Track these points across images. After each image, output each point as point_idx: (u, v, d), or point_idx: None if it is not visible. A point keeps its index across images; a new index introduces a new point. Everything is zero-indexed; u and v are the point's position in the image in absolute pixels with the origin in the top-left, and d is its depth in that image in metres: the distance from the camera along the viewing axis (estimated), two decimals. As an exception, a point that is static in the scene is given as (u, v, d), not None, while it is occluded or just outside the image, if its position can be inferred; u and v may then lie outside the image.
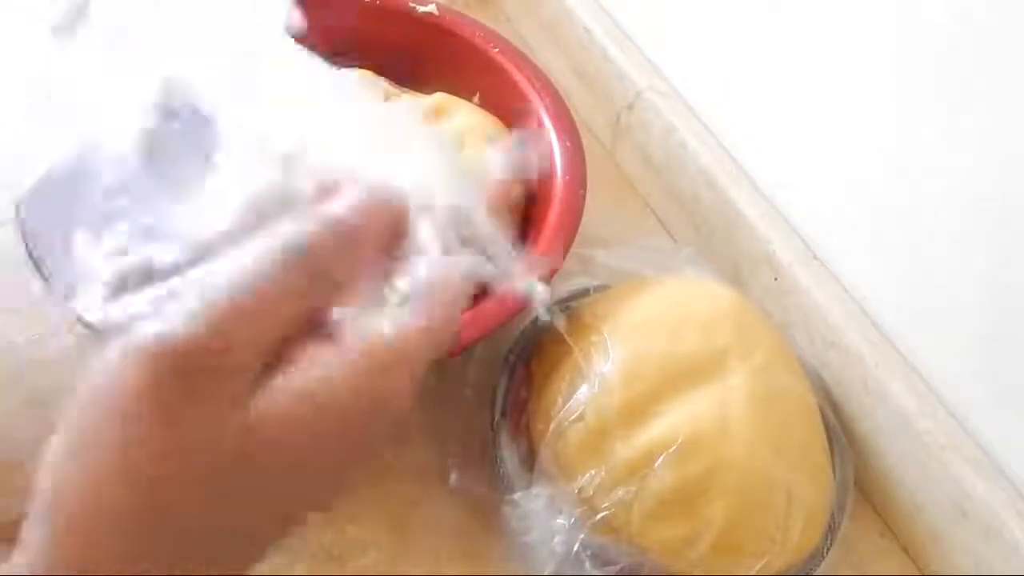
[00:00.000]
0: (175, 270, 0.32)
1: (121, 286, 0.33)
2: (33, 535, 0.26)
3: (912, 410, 0.48)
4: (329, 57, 0.55)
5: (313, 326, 0.28)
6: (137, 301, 0.32)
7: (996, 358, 0.46)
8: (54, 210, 0.41)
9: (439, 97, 0.61)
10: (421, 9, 0.63)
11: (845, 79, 0.50)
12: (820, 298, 0.53)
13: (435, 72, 0.63)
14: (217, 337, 0.25)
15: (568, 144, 0.57)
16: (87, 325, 0.38)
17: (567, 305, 0.54)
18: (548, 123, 0.57)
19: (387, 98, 0.61)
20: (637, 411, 0.47)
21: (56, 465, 0.26)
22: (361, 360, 0.28)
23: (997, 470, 0.46)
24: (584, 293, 0.55)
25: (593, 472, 0.46)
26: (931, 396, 0.49)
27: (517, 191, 0.55)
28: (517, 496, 0.47)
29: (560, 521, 0.45)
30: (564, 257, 0.52)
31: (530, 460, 0.49)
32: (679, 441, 0.45)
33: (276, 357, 0.27)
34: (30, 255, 0.49)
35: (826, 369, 0.54)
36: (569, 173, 0.55)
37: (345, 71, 0.51)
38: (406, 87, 0.63)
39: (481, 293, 0.49)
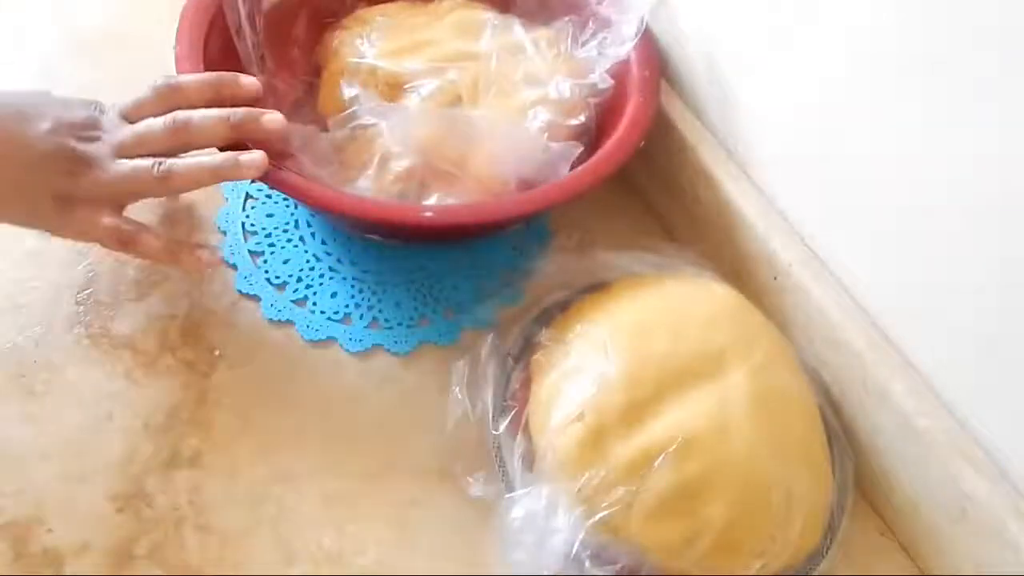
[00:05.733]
0: None
1: None
2: None
3: (912, 410, 0.48)
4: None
5: None
6: None
7: (996, 358, 0.46)
8: None
9: None
10: None
11: (845, 78, 0.50)
12: (820, 298, 0.53)
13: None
14: None
15: (646, 73, 0.62)
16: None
17: (567, 305, 0.54)
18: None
19: None
20: (637, 411, 0.47)
21: None
22: None
23: (997, 470, 0.46)
24: (584, 293, 0.55)
25: (593, 472, 0.46)
26: (931, 396, 0.49)
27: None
28: (517, 496, 0.47)
29: (560, 521, 0.45)
30: (638, 146, 0.57)
31: (530, 460, 0.49)
32: (679, 441, 0.45)
33: None
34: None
35: (826, 369, 0.54)
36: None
37: None
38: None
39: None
